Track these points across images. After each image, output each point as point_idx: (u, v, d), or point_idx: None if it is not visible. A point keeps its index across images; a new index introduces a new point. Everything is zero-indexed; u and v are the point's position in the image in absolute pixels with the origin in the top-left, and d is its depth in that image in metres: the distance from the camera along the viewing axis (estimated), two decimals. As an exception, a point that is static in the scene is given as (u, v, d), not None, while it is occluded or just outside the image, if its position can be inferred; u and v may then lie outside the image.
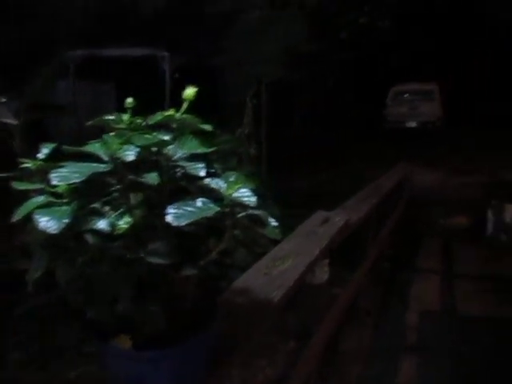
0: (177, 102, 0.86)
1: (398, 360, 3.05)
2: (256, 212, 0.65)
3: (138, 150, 0.64)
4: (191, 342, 0.77)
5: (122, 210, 0.73)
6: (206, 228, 0.73)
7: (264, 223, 0.65)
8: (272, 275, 1.49)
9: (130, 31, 9.41)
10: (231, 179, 0.66)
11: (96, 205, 0.72)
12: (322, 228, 2.08)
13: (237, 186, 0.63)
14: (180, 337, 0.76)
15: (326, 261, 2.09)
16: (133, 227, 0.70)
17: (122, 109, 0.83)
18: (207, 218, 0.68)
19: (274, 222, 0.65)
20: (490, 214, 6.22)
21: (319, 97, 14.27)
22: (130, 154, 0.62)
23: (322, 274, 2.10)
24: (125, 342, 0.78)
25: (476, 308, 3.91)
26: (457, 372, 2.91)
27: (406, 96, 13.61)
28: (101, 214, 0.71)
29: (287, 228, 2.31)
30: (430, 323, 3.63)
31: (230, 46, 5.10)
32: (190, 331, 0.78)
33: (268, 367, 3.23)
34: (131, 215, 0.73)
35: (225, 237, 0.67)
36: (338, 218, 2.23)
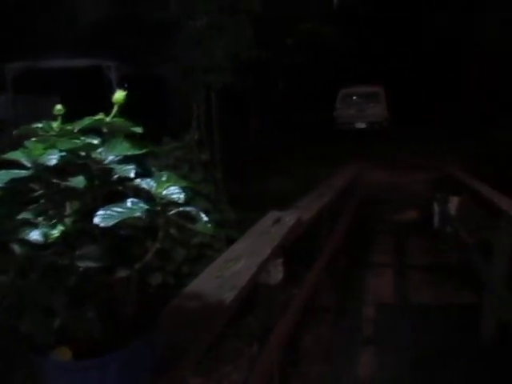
0: (126, 111, 0.86)
1: (356, 354, 3.14)
2: (187, 208, 0.65)
3: (61, 154, 0.63)
4: (133, 347, 0.76)
5: (54, 218, 0.72)
6: (142, 230, 0.73)
7: (195, 219, 0.65)
8: (224, 277, 1.49)
9: (74, 41, 9.13)
10: (163, 178, 0.66)
11: (26, 214, 0.70)
12: (273, 228, 2.11)
13: (166, 185, 0.63)
14: (122, 343, 0.75)
15: (280, 260, 2.12)
16: (64, 234, 0.69)
17: (67, 121, 0.82)
18: (141, 219, 0.68)
19: (205, 217, 0.65)
20: (436, 208, 6.56)
21: (271, 101, 14.50)
22: (52, 158, 0.61)
23: (277, 274, 2.12)
24: (65, 353, 0.75)
25: (427, 297, 4.11)
26: (412, 359, 3.04)
27: (354, 98, 14.15)
28: (32, 224, 0.69)
29: (242, 231, 2.34)
30: (385, 315, 3.77)
31: (177, 53, 5.07)
32: (133, 336, 0.76)
33: (233, 372, 3.22)
34: (63, 223, 0.71)
35: (159, 236, 0.67)
36: (290, 218, 2.28)
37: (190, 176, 3.00)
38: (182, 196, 0.61)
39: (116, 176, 0.71)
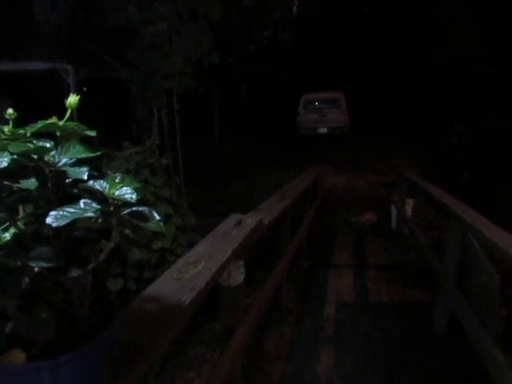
0: (84, 116, 0.86)
1: (317, 352, 3.22)
2: (139, 208, 0.68)
3: (13, 156, 0.64)
4: (88, 348, 0.77)
5: (6, 222, 0.72)
6: (96, 230, 0.74)
7: (148, 218, 0.68)
8: (184, 279, 1.51)
9: (30, 44, 8.80)
10: (116, 180, 0.68)
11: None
12: (235, 230, 2.15)
13: (119, 186, 0.65)
14: (76, 344, 0.76)
15: (241, 262, 2.16)
16: (16, 236, 0.69)
17: (21, 125, 0.82)
18: (96, 220, 0.69)
19: (157, 216, 0.68)
20: (393, 209, 6.84)
21: (235, 107, 14.58)
22: (3, 161, 0.62)
23: (238, 276, 2.16)
24: (18, 356, 0.75)
25: (385, 296, 4.28)
26: (368, 355, 3.16)
27: (315, 104, 14.46)
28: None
29: (204, 235, 2.36)
30: (345, 314, 3.88)
31: (137, 58, 5.02)
32: (88, 338, 0.78)
33: (197, 378, 3.21)
34: (16, 225, 0.72)
35: (112, 236, 0.69)
36: (251, 220, 2.32)
37: (152, 180, 2.98)
38: (134, 196, 0.63)
39: (69, 178, 0.72)
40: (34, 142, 0.73)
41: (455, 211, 3.12)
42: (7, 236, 0.71)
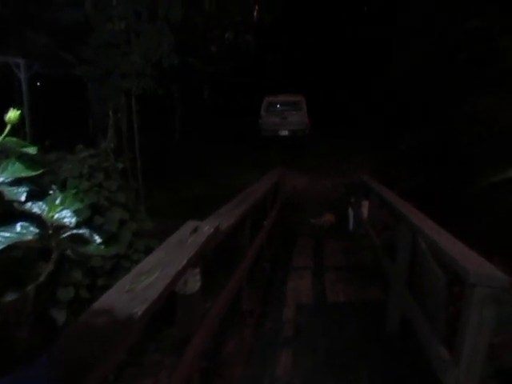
0: (37, 113, 0.83)
1: (276, 355, 3.27)
2: (79, 231, 0.67)
3: None
4: (28, 369, 0.75)
5: None
6: (35, 252, 0.72)
7: (88, 241, 0.67)
8: (136, 291, 1.49)
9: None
10: (56, 201, 0.67)
11: None
12: (191, 237, 2.14)
13: (59, 208, 0.64)
14: (15, 365, 0.74)
15: (197, 270, 2.15)
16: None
17: None
18: (35, 241, 0.68)
19: (98, 239, 0.68)
20: (350, 211, 7.05)
21: (197, 108, 14.47)
22: None
23: (195, 283, 2.15)
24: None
25: (342, 296, 4.41)
26: (326, 355, 3.24)
27: (277, 106, 14.62)
28: None
29: (162, 240, 2.33)
30: (304, 315, 3.96)
31: (94, 57, 4.87)
32: (27, 358, 0.75)
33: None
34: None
35: (52, 258, 0.68)
36: (208, 227, 2.32)
37: (106, 185, 2.91)
38: (73, 220, 0.63)
39: (6, 199, 0.70)
40: (-31, 160, 0.70)
41: (404, 214, 3.27)
42: None
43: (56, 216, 0.62)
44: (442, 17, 9.65)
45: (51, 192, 0.82)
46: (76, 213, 0.64)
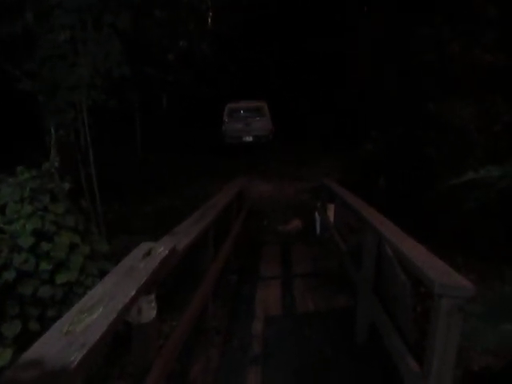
0: None
1: (245, 373, 3.14)
2: None
3: None
4: None
5: None
6: None
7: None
8: (75, 333, 1.32)
9: None
10: None
11: None
12: (143, 262, 1.98)
13: None
14: None
15: (152, 296, 2.00)
16: None
17: None
18: None
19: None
20: (316, 216, 7.03)
21: (157, 118, 14.16)
22: None
23: (150, 311, 1.99)
24: None
25: (311, 305, 4.33)
26: (295, 369, 3.14)
27: (240, 113, 14.55)
28: None
29: (117, 262, 2.16)
30: (273, 328, 3.85)
31: (38, 69, 4.59)
32: None
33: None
34: None
35: None
36: (162, 248, 2.17)
37: (52, 208, 2.69)
38: None
39: None
40: None
41: (369, 221, 3.23)
42: None
43: None
44: (395, 26, 9.93)
45: None
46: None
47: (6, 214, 2.61)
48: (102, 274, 2.96)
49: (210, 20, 13.85)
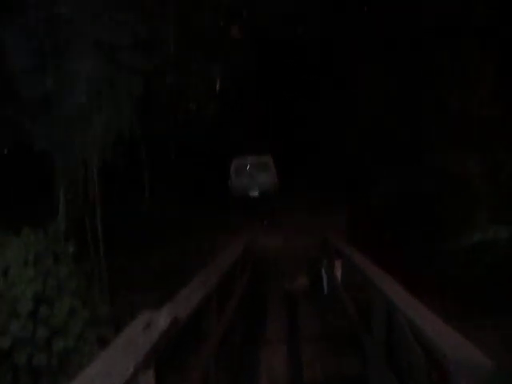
0: None
1: None
2: None
3: None
4: None
5: None
6: None
7: None
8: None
9: None
10: None
11: None
12: (142, 335, 1.89)
13: None
14: None
15: (151, 371, 1.89)
16: None
17: None
18: None
19: None
20: (323, 273, 6.87)
21: (166, 172, 14.41)
22: None
23: (148, 387, 1.88)
24: None
25: (319, 370, 4.10)
26: None
27: (246, 167, 14.81)
28: None
29: (118, 328, 2.07)
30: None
31: (53, 129, 4.78)
32: None
33: None
34: None
35: None
36: (163, 319, 2.09)
37: (55, 271, 2.66)
38: None
39: None
40: None
41: (378, 284, 3.14)
42: None
43: None
44: (393, 83, 10.33)
45: None
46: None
47: (7, 277, 2.58)
48: (101, 340, 2.85)
49: (218, 85, 14.55)
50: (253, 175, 14.29)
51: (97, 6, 5.19)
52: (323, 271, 6.90)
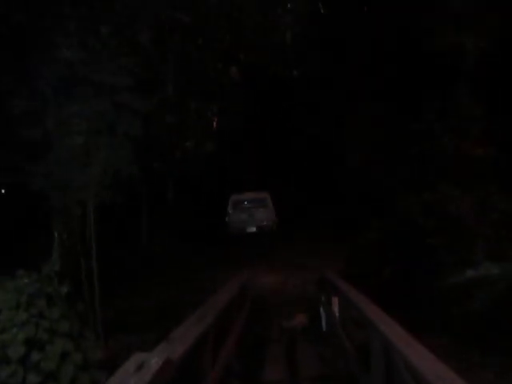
0: None
1: None
2: None
3: None
4: None
5: None
6: None
7: None
8: None
9: None
10: None
11: None
12: (133, 377, 1.87)
13: None
14: None
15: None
16: None
17: None
18: None
19: None
20: (322, 311, 6.77)
21: (164, 209, 14.48)
22: None
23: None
24: None
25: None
26: None
27: (243, 204, 14.90)
28: None
29: (111, 371, 2.04)
30: None
31: (51, 169, 4.86)
32: None
33: None
34: None
35: None
36: (156, 360, 2.06)
37: (48, 313, 2.64)
38: None
39: None
40: None
41: (375, 323, 3.11)
42: None
43: None
44: (388, 120, 10.63)
45: None
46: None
47: (-1, 321, 2.56)
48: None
49: (215, 124, 14.94)
50: (250, 211, 14.38)
51: (97, 49, 5.41)
52: (321, 309, 6.80)
